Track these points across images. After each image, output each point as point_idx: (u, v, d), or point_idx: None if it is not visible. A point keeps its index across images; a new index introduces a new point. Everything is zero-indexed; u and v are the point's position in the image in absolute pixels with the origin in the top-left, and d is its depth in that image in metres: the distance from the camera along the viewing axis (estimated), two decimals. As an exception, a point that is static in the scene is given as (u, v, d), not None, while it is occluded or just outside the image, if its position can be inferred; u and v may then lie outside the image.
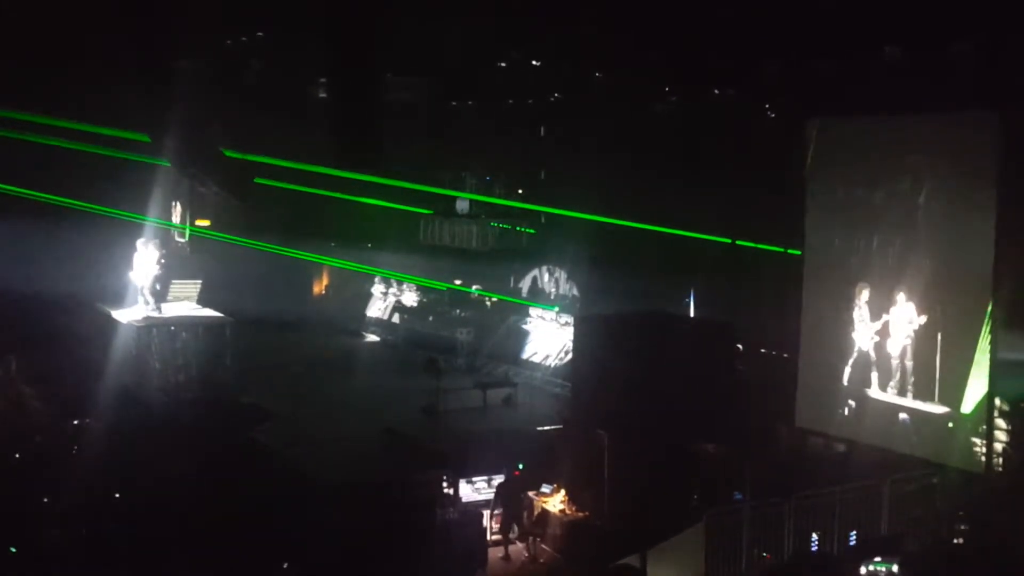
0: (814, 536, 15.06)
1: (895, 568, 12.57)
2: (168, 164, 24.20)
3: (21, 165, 25.14)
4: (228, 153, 15.38)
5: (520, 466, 16.76)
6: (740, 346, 18.75)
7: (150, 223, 25.10)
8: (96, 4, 12.98)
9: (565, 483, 16.64)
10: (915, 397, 14.92)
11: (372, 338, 29.15)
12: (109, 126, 23.32)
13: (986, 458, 14.34)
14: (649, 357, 16.25)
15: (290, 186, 27.25)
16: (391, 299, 30.10)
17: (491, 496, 16.45)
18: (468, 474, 16.53)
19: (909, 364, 15.02)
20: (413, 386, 21.63)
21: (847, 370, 15.82)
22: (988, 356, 14.08)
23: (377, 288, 30.68)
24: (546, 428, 18.20)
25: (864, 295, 15.53)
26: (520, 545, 15.99)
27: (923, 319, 14.79)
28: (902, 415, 15.08)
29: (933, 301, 14.64)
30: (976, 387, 14.19)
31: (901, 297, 15.06)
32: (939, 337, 14.55)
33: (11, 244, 25.69)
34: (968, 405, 14.29)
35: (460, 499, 16.15)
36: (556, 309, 24.88)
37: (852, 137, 15.41)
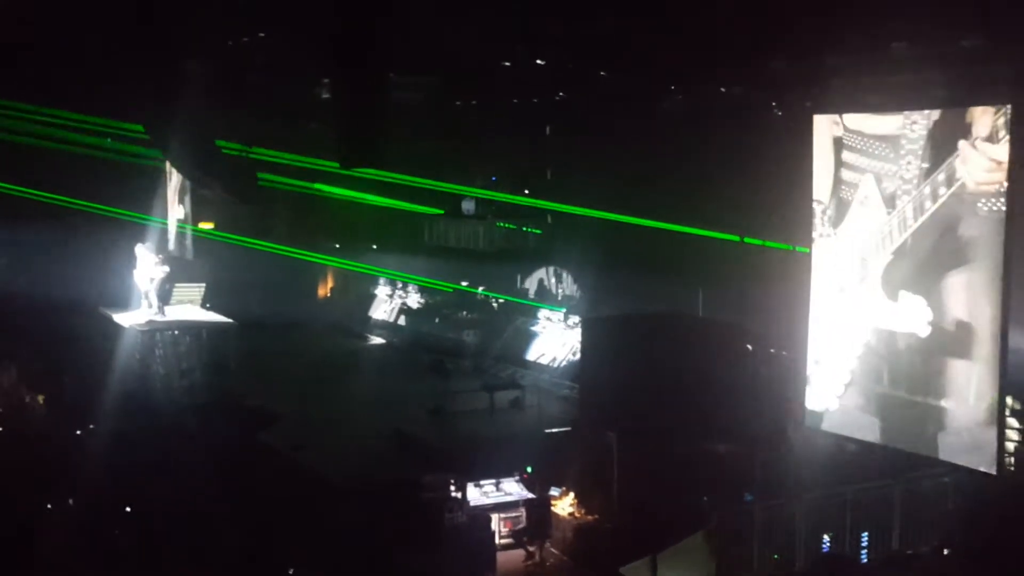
0: (825, 537, 14.95)
1: None
2: (172, 166, 24.28)
3: (24, 167, 25.11)
4: (229, 148, 15.28)
5: (528, 469, 16.65)
6: (749, 346, 18.61)
7: (154, 226, 25.07)
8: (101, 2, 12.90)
9: (574, 486, 16.52)
10: (926, 395, 14.72)
11: (378, 340, 29.03)
12: (110, 119, 23.32)
13: (998, 457, 14.16)
14: (657, 358, 16.16)
15: (294, 182, 27.22)
16: (397, 301, 29.98)
17: (499, 499, 16.34)
18: (476, 477, 16.41)
19: (919, 361, 14.83)
20: (420, 388, 21.54)
21: (856, 368, 15.65)
22: (1000, 353, 13.89)
23: (382, 290, 30.57)
24: (554, 430, 18.08)
25: (873, 291, 15.34)
26: (530, 549, 15.86)
27: (933, 315, 14.59)
28: (913, 413, 14.92)
29: (944, 296, 14.43)
30: (987, 385, 14.01)
31: (910, 293, 14.85)
32: (950, 333, 14.36)
33: (13, 247, 25.68)
34: (980, 403, 14.12)
35: (468, 502, 16.03)
36: (564, 310, 24.77)
37: (859, 133, 15.24)
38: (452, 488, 15.89)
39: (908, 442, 14.36)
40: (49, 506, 15.50)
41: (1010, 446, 14.79)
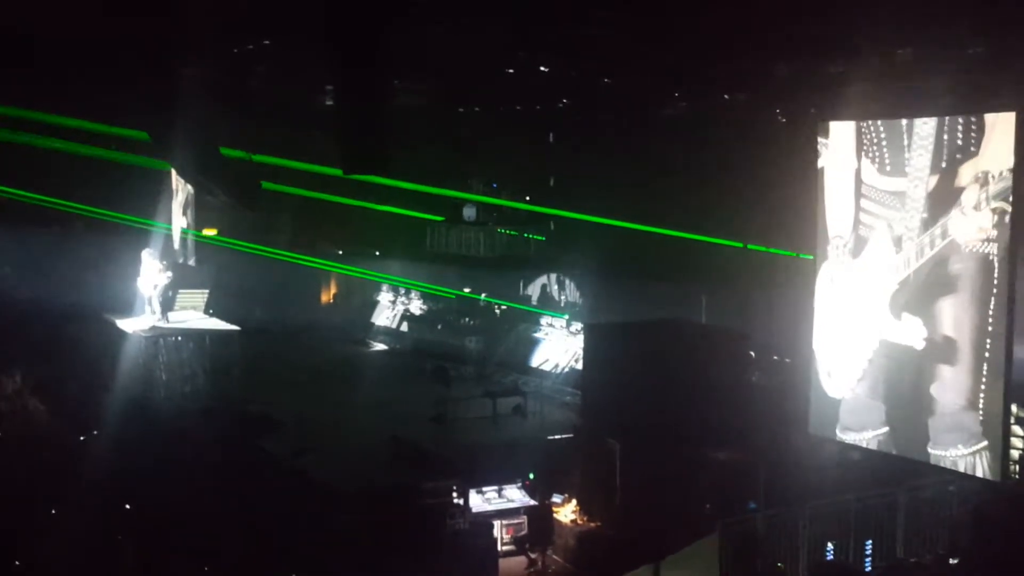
0: (829, 545, 14.89)
1: None
2: (175, 172, 24.29)
3: (26, 171, 25.11)
4: (232, 155, 15.24)
5: (531, 476, 16.62)
6: (752, 353, 18.58)
7: (157, 231, 25.05)
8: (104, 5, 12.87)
9: (576, 493, 16.48)
10: (920, 388, 14.83)
11: (380, 347, 29.02)
12: (113, 125, 23.30)
13: (1002, 466, 14.14)
14: (660, 365, 16.12)
15: (296, 190, 27.22)
16: (399, 307, 29.96)
17: (501, 506, 16.32)
18: (478, 484, 16.38)
19: (916, 365, 14.88)
20: (422, 395, 21.51)
21: (868, 368, 15.70)
22: (1004, 361, 13.90)
23: (385, 296, 30.55)
24: (557, 437, 18.05)
25: (882, 311, 15.39)
26: (532, 555, 15.82)
27: (937, 323, 14.62)
28: (910, 401, 14.98)
29: (948, 304, 14.50)
30: (992, 393, 14.03)
31: (910, 314, 14.92)
32: (954, 342, 14.40)
33: (17, 252, 25.67)
34: (984, 411, 14.12)
35: (470, 509, 16.00)
36: (566, 317, 24.74)
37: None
38: (454, 494, 15.88)
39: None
40: (53, 511, 15.48)
41: (1015, 454, 14.78)
